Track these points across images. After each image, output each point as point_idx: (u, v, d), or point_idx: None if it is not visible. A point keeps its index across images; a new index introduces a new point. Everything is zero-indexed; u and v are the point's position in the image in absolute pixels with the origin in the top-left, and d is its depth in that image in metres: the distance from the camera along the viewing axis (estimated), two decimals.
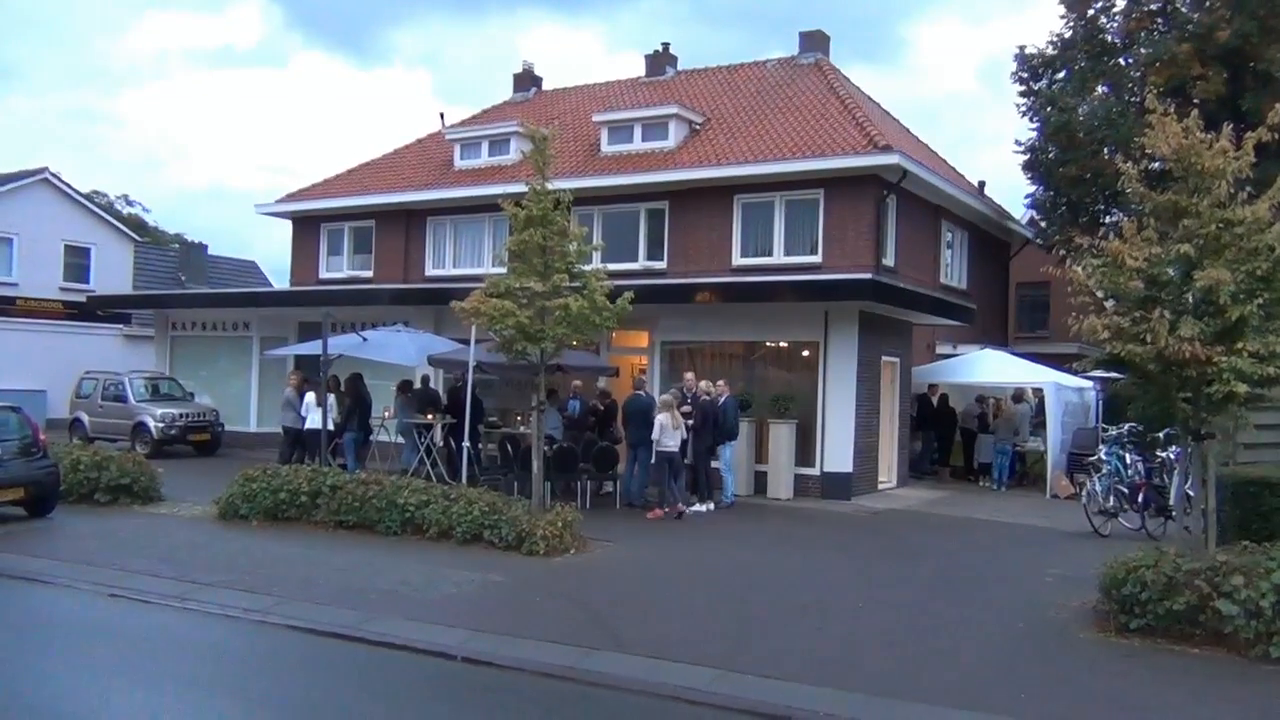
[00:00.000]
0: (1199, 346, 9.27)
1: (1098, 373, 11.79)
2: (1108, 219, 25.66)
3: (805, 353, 19.14)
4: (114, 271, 34.53)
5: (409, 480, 14.03)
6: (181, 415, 23.09)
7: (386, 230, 26.13)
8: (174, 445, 22.90)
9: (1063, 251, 23.23)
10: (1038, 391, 21.78)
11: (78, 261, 33.90)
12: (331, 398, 17.68)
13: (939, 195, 22.62)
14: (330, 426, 17.20)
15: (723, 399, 16.98)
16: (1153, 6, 25.89)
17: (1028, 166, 27.27)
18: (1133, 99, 24.91)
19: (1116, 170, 10.69)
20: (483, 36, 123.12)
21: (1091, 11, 26.68)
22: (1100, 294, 10.77)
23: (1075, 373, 18.85)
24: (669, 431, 15.75)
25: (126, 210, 55.08)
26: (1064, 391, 20.94)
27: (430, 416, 18.71)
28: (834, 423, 18.55)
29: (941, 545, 13.95)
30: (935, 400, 22.62)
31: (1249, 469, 12.15)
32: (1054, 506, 18.52)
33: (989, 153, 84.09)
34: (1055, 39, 27.18)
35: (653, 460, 16.35)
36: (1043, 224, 27.45)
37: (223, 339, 26.30)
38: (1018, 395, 22.28)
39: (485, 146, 25.81)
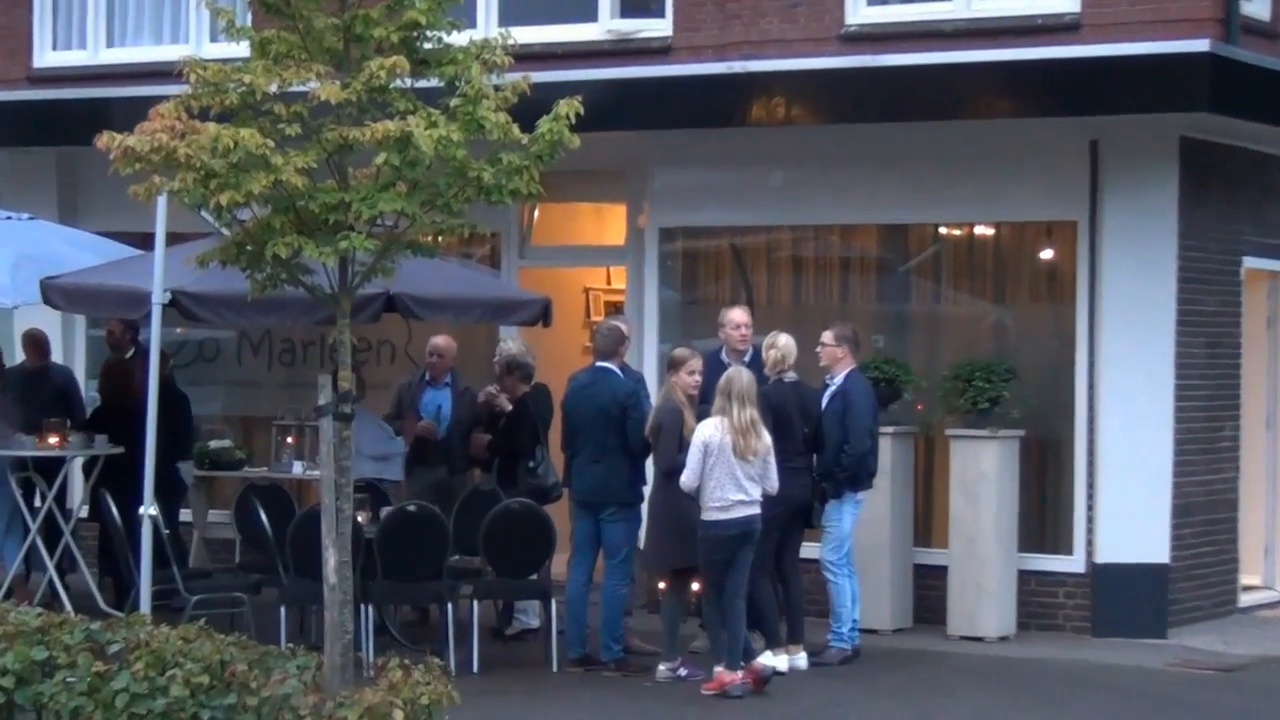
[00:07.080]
0: None
1: None
2: None
3: (1043, 253, 16.05)
4: None
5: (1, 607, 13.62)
6: None
7: None
8: None
9: None
10: None
11: None
12: None
13: None
14: None
15: (834, 381, 14.13)
16: None
17: None
18: None
19: None
20: None
21: None
22: None
23: None
24: (732, 470, 13.02)
25: None
26: None
27: (54, 439, 15.63)
28: (1117, 435, 15.11)
29: None
30: None
31: None
32: None
33: None
34: None
35: (643, 538, 13.63)
36: None
37: None
38: None
39: None
